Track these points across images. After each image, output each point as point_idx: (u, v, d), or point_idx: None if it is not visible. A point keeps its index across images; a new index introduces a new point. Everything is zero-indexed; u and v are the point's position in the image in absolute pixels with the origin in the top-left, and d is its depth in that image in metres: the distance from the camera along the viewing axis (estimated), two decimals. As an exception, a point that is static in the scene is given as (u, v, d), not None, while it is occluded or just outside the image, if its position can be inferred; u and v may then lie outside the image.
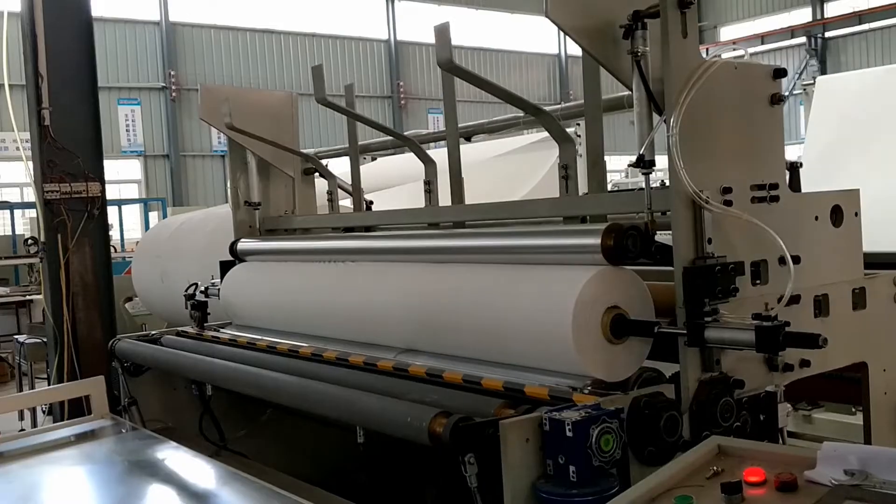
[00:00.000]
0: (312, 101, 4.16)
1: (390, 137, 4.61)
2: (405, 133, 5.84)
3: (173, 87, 25.59)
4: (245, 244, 4.72)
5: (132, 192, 24.67)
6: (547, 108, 3.18)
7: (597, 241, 2.66)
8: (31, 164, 7.09)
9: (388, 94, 29.81)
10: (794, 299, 2.78)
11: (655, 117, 2.61)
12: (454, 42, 2.91)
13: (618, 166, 22.59)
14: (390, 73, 29.80)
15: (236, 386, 3.43)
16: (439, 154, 8.38)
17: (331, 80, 4.08)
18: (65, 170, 6.95)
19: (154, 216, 20.22)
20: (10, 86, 6.83)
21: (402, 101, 29.76)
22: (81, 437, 3.86)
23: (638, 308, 2.70)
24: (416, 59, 30.17)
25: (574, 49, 32.98)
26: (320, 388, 2.90)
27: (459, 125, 4.79)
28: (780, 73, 2.80)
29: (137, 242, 16.46)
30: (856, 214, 3.07)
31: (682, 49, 2.58)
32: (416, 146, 3.93)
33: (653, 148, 2.56)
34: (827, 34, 32.64)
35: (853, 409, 4.94)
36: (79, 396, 4.29)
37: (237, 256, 4.74)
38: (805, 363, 2.83)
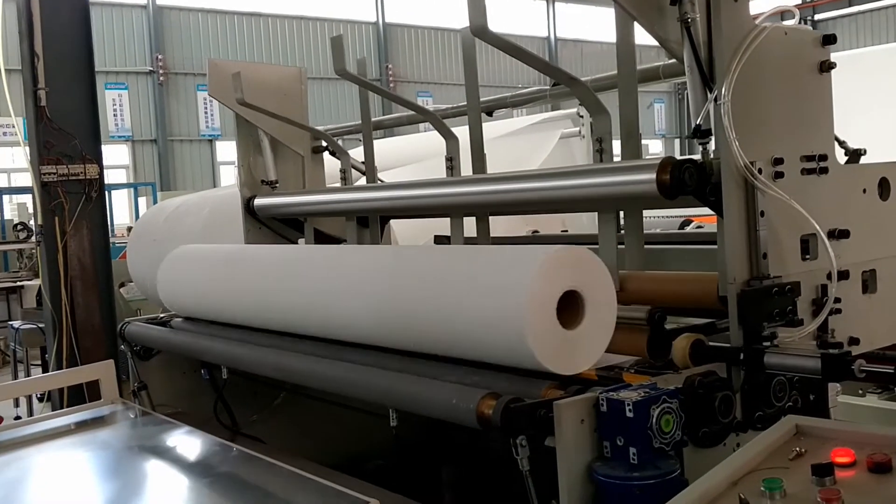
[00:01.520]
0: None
1: (404, 114, 4.48)
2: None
3: (160, 71, 25.34)
4: (263, 200, 4.60)
5: (120, 177, 24.43)
6: (584, 80, 3.06)
7: (652, 176, 2.52)
8: (27, 148, 6.95)
9: (376, 77, 29.61)
10: (843, 275, 2.70)
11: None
12: (440, 25, 2.81)
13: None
14: (379, 56, 29.59)
15: (262, 370, 3.30)
16: (432, 136, 8.24)
17: (318, 63, 3.98)
18: (62, 151, 6.80)
19: (143, 201, 20.04)
20: (6, 70, 6.70)
21: (392, 84, 29.56)
22: (94, 423, 3.76)
23: (598, 291, 2.48)
24: (404, 41, 29.96)
25: (563, 32, 32.87)
26: (356, 372, 2.78)
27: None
28: (829, 39, 2.71)
29: (129, 228, 16.33)
30: (903, 187, 2.98)
31: (732, 13, 2.49)
32: (439, 121, 3.81)
33: (709, 117, 2.45)
34: (816, 17, 32.63)
35: (860, 391, 4.90)
36: (87, 381, 4.17)
37: (254, 214, 4.63)
38: (854, 341, 2.74)
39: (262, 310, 3.57)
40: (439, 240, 5.18)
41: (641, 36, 2.81)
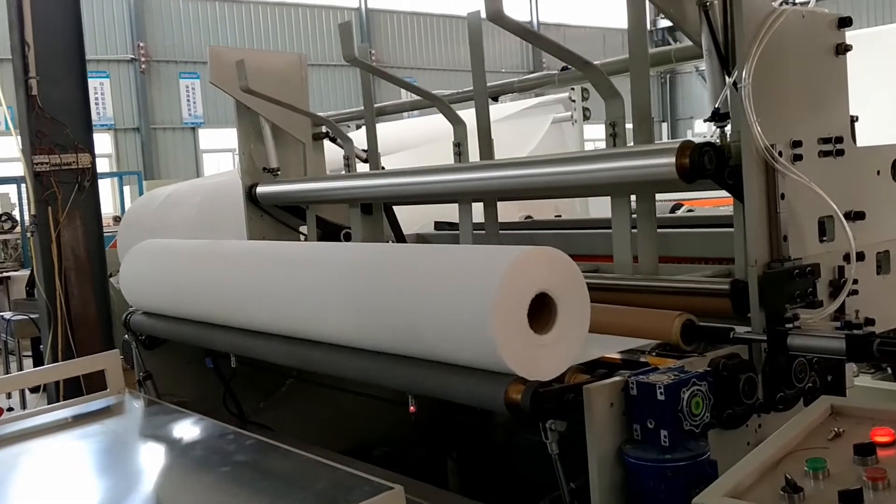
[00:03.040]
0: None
1: (407, 100, 4.46)
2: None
3: (142, 59, 25.10)
4: (265, 188, 4.56)
5: (103, 166, 24.21)
6: (596, 63, 3.05)
7: (671, 160, 2.52)
8: (18, 137, 6.89)
9: (361, 63, 29.42)
10: (860, 256, 2.71)
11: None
12: (423, 10, 2.80)
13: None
14: (362, 42, 29.43)
15: (279, 359, 3.26)
16: (425, 121, 8.17)
17: (301, 49, 3.97)
18: (54, 141, 6.75)
19: (127, 190, 19.89)
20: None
21: (376, 70, 29.42)
22: (102, 413, 3.72)
23: (569, 293, 2.38)
24: (388, 26, 29.79)
25: (546, 17, 32.55)
26: (378, 359, 2.76)
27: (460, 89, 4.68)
28: (844, 22, 2.72)
29: (115, 217, 16.20)
30: (915, 168, 3.00)
31: (751, -4, 2.49)
32: (446, 106, 3.81)
33: (727, 101, 2.46)
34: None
35: (856, 371, 4.95)
36: (93, 371, 4.14)
37: (256, 202, 4.60)
38: (870, 322, 2.76)
39: (228, 307, 3.47)
40: (440, 225, 5.19)
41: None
